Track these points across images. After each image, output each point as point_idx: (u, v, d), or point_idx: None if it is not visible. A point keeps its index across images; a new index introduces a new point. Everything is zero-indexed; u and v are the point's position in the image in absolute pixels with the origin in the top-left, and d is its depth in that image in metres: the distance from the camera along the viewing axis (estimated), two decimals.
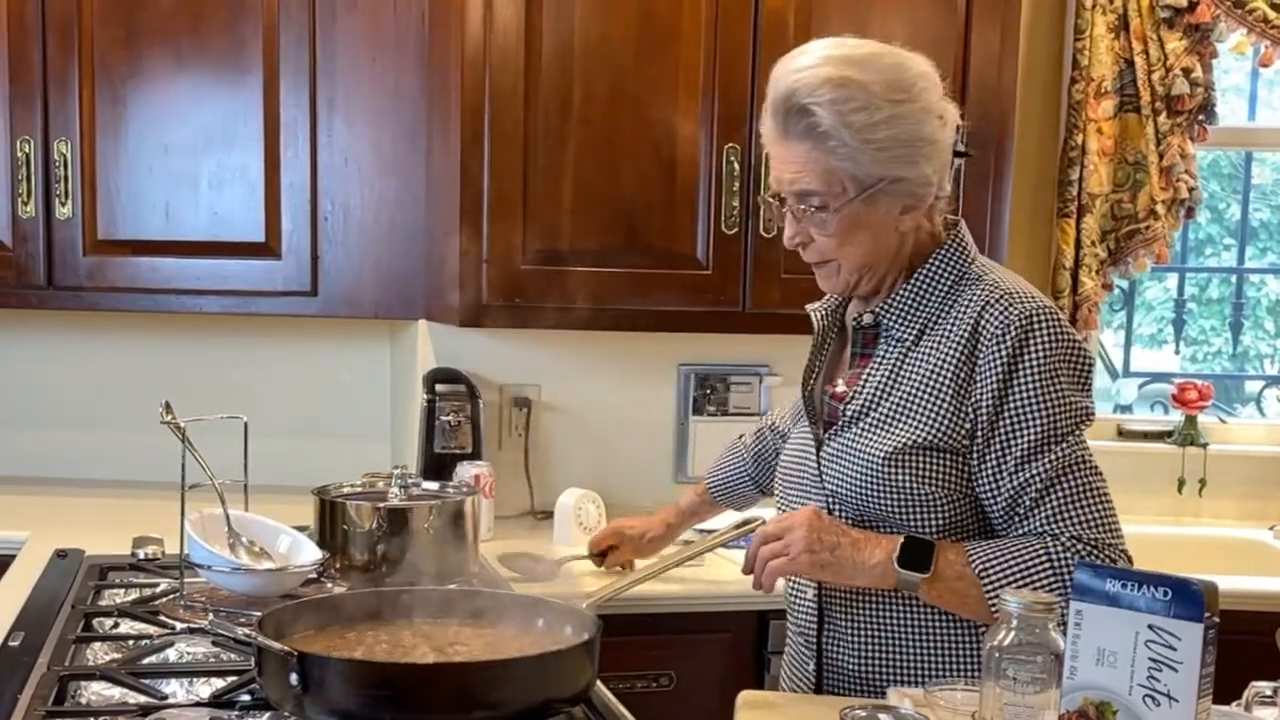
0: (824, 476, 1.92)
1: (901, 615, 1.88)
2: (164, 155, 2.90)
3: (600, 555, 2.50)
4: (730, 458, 2.45)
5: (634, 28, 2.76)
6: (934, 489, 1.84)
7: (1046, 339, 1.79)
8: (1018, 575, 1.74)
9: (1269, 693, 1.61)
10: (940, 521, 1.85)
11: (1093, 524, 1.78)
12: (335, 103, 2.92)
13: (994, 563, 1.77)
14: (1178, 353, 3.79)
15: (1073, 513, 1.78)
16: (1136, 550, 1.87)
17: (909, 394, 1.85)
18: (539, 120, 2.74)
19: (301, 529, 2.20)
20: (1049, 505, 1.78)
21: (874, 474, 1.85)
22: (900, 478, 1.83)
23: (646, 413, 3.19)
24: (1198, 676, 1.27)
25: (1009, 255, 3.01)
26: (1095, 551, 1.76)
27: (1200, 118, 3.34)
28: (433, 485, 2.32)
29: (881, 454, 1.84)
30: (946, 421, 1.82)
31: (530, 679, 1.49)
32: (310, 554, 2.11)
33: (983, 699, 1.44)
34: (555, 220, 2.77)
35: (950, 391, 1.82)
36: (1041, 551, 1.76)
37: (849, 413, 1.89)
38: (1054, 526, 1.78)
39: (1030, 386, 1.78)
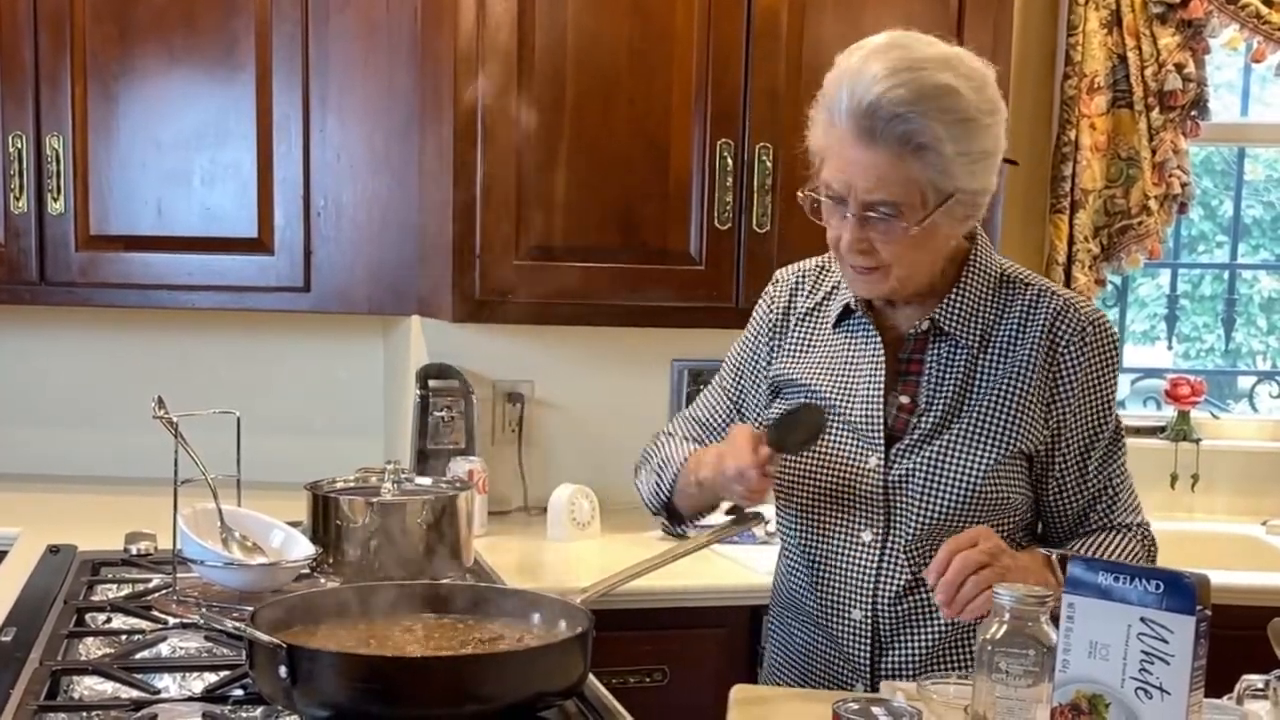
0: (892, 496, 1.87)
1: (959, 625, 1.85)
2: (156, 151, 2.90)
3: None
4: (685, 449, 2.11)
5: (627, 24, 2.76)
6: (1018, 496, 1.88)
7: (1111, 342, 1.88)
8: None
9: (1260, 686, 1.62)
10: (1010, 527, 1.88)
11: (1139, 510, 1.94)
12: (328, 99, 2.91)
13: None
14: (1170, 349, 3.80)
15: (1133, 503, 1.93)
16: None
17: (993, 403, 1.84)
18: (532, 116, 2.74)
19: (295, 524, 2.19)
20: (1122, 500, 1.91)
21: (971, 491, 1.83)
22: (995, 491, 1.85)
23: (640, 408, 3.19)
24: (1190, 670, 1.28)
25: (1002, 251, 2.99)
26: (1150, 534, 1.93)
27: (1193, 113, 3.35)
28: (426, 481, 2.32)
29: (982, 469, 1.83)
30: (1032, 426, 1.85)
31: (522, 673, 1.49)
32: (303, 549, 2.10)
33: (975, 692, 1.44)
34: (548, 216, 2.77)
35: (1035, 398, 1.85)
36: (1136, 544, 1.89)
37: (925, 425, 1.85)
38: (1127, 518, 1.91)
39: (1103, 390, 1.88)
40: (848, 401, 1.91)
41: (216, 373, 3.27)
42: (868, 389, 1.90)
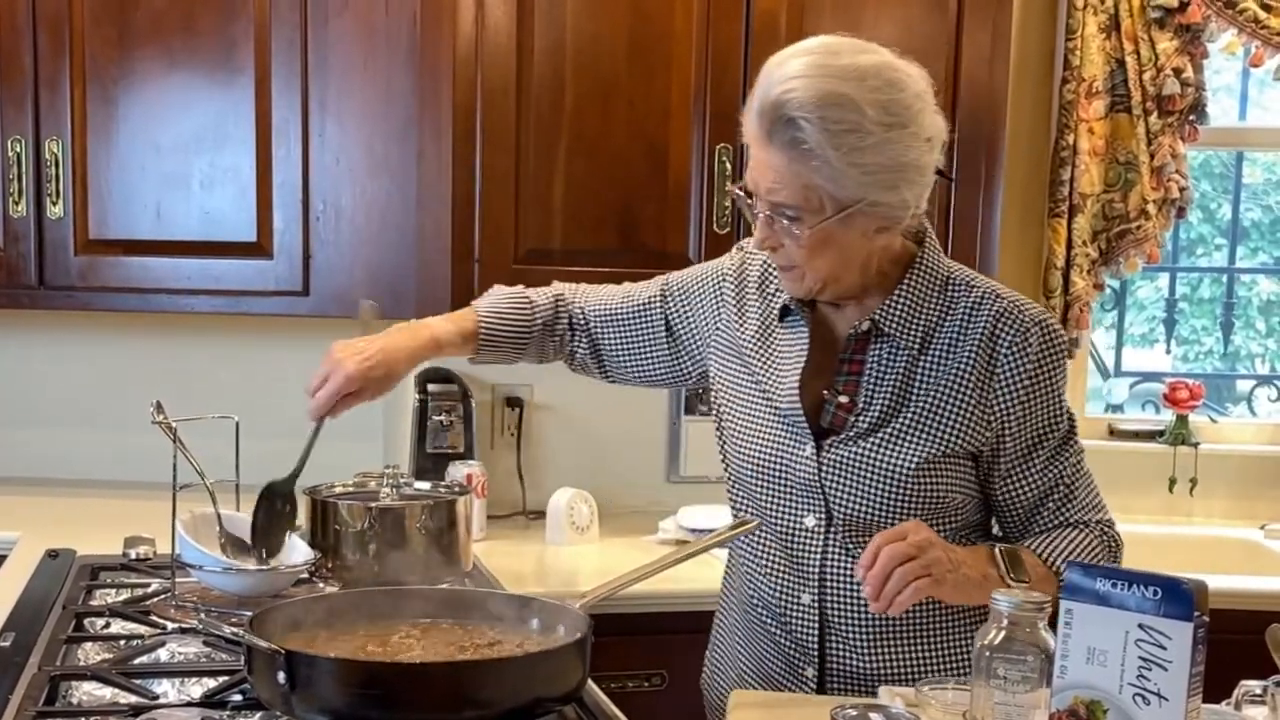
0: (825, 486, 1.90)
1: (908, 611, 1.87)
2: (155, 155, 2.90)
3: None
4: (514, 311, 2.18)
5: (625, 27, 2.76)
6: (958, 495, 1.89)
7: (1056, 343, 1.88)
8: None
9: (1259, 691, 1.62)
10: (954, 525, 1.91)
11: (1102, 509, 1.94)
12: (327, 103, 2.91)
13: (1067, 558, 1.86)
14: (1169, 352, 3.80)
15: (1091, 500, 1.93)
16: (1127, 549, 1.96)
17: (930, 403, 1.86)
18: (531, 120, 2.74)
19: (293, 530, 2.19)
20: (1078, 498, 1.91)
21: (899, 486, 1.85)
22: (927, 488, 1.86)
23: (638, 412, 3.19)
24: (1188, 675, 1.28)
25: (1000, 255, 3.02)
26: (1113, 531, 1.93)
27: (1191, 118, 3.35)
28: (425, 485, 2.32)
29: (910, 466, 1.85)
30: (972, 427, 1.86)
31: (521, 678, 1.49)
32: (302, 554, 2.10)
33: (973, 698, 1.44)
34: (547, 219, 2.77)
35: (975, 398, 1.85)
36: (1095, 540, 1.89)
37: (863, 424, 1.88)
38: (1084, 515, 1.91)
39: (1049, 390, 1.87)
40: (777, 392, 1.94)
41: (215, 377, 3.27)
42: (790, 382, 1.93)
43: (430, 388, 3.01)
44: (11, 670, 1.69)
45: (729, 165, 2.82)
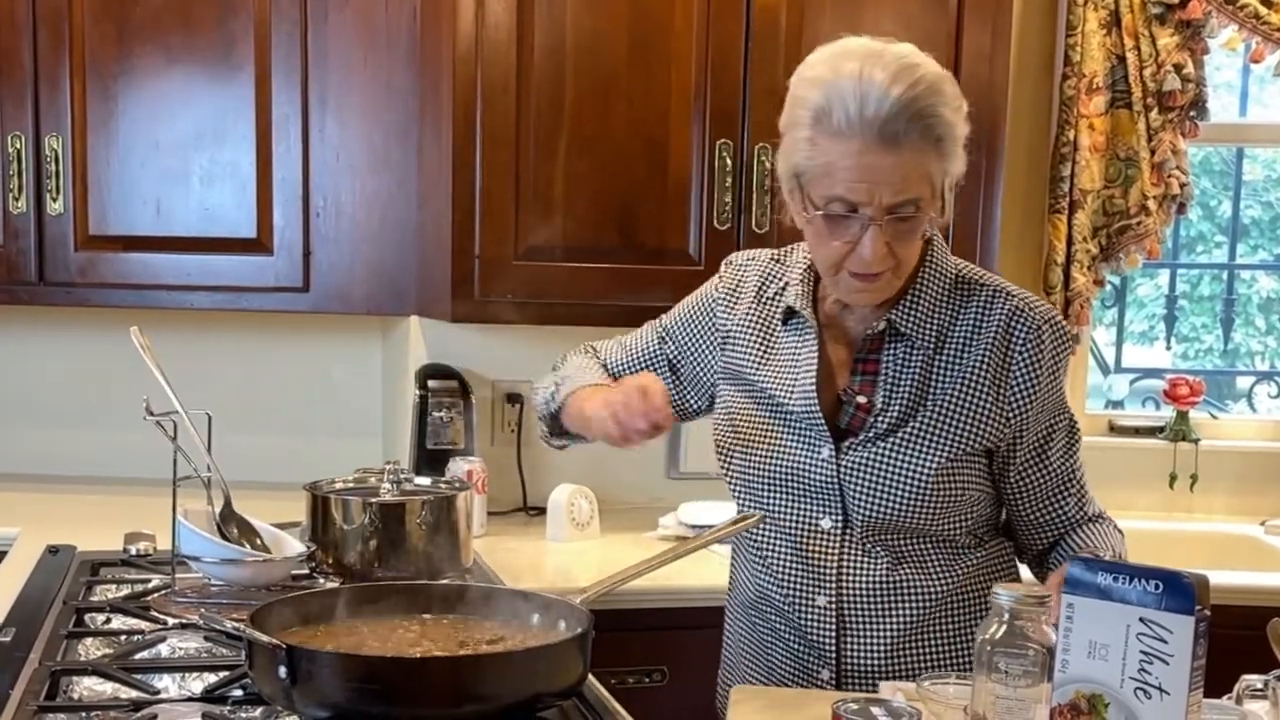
0: (845, 488, 1.89)
1: (922, 604, 1.90)
2: (155, 151, 2.90)
3: None
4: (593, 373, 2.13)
5: (625, 24, 2.76)
6: (975, 492, 1.91)
7: (1065, 340, 1.91)
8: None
9: (1260, 686, 1.62)
10: (968, 523, 1.93)
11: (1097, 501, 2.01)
12: (327, 99, 2.91)
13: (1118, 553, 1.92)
14: (1169, 349, 3.80)
15: (1092, 494, 1.99)
16: (1129, 545, 1.95)
17: (948, 403, 1.87)
18: (531, 116, 2.74)
19: (292, 525, 2.20)
20: (1087, 491, 1.97)
21: (923, 487, 1.86)
22: (946, 488, 1.87)
23: None
24: (1189, 669, 1.28)
25: (1001, 251, 3.02)
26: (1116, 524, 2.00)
27: (1191, 114, 3.35)
28: (425, 481, 2.32)
29: (933, 467, 1.85)
30: (989, 425, 1.87)
31: (521, 673, 1.49)
32: (292, 550, 2.11)
33: (975, 692, 1.44)
34: (547, 216, 2.77)
35: (991, 395, 1.87)
36: (1116, 533, 1.97)
37: (882, 425, 1.87)
38: (1092, 509, 1.98)
39: (1057, 384, 1.90)
40: (789, 397, 1.93)
41: (215, 373, 3.26)
42: (805, 386, 1.91)
43: (431, 383, 3.01)
44: (12, 665, 1.69)
45: (729, 162, 2.82)
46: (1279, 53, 3.34)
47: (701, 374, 2.09)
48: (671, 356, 2.12)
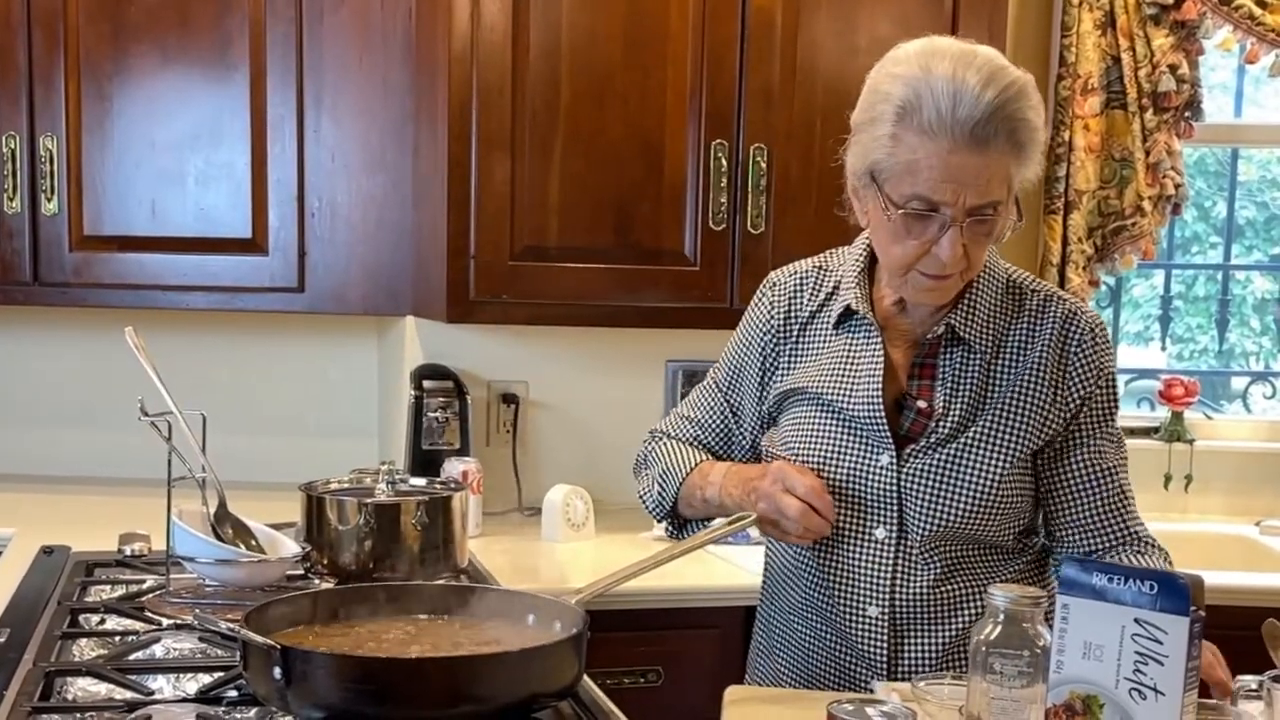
0: (904, 496, 1.87)
1: (974, 612, 1.87)
2: (150, 151, 2.90)
3: None
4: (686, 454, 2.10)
5: (621, 24, 2.76)
6: (1027, 499, 1.91)
7: (1110, 344, 1.94)
8: None
9: (1254, 687, 1.62)
10: (1018, 528, 1.91)
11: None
12: (322, 99, 2.91)
13: None
14: (1164, 349, 3.80)
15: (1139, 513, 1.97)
16: None
17: (1008, 408, 1.86)
18: (526, 117, 2.74)
19: (287, 526, 2.19)
20: (1134, 506, 1.95)
21: (986, 493, 1.85)
22: (1008, 494, 1.86)
23: (635, 409, 3.18)
24: (1184, 670, 1.28)
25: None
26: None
27: (1186, 114, 3.35)
28: (420, 481, 2.32)
29: (997, 473, 1.85)
30: (1047, 430, 1.87)
31: (516, 673, 1.48)
32: (287, 551, 2.11)
33: (970, 693, 1.44)
34: (543, 217, 2.77)
35: (1048, 399, 1.87)
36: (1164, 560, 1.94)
37: (943, 430, 1.86)
38: (1141, 529, 1.95)
39: (1112, 392, 1.93)
40: (848, 400, 1.90)
41: (211, 374, 3.26)
42: (867, 388, 1.88)
43: (426, 384, 3.00)
44: (7, 666, 1.69)
45: (725, 162, 2.82)
46: (1274, 53, 3.35)
47: (758, 408, 2.04)
48: (735, 404, 2.08)
